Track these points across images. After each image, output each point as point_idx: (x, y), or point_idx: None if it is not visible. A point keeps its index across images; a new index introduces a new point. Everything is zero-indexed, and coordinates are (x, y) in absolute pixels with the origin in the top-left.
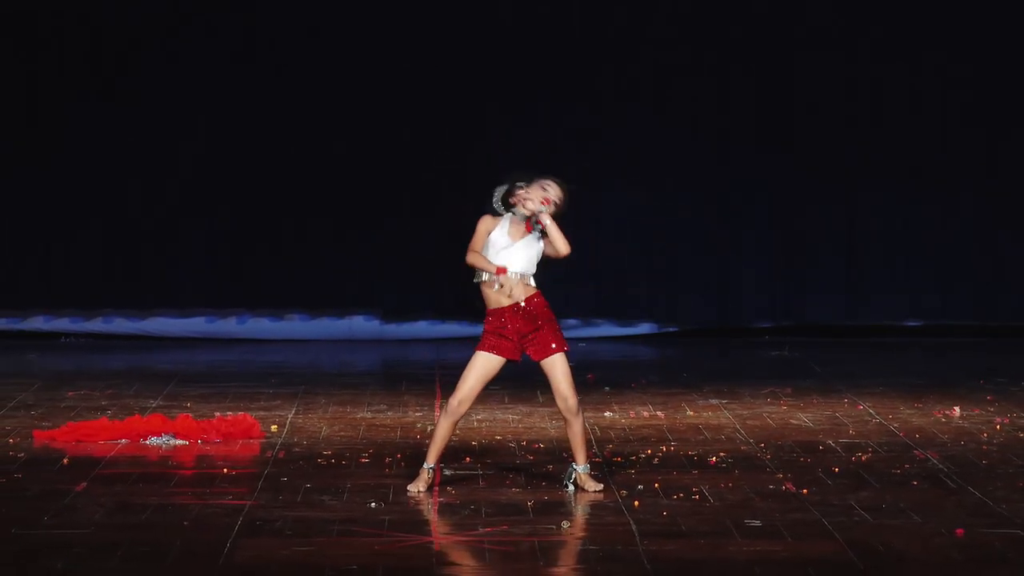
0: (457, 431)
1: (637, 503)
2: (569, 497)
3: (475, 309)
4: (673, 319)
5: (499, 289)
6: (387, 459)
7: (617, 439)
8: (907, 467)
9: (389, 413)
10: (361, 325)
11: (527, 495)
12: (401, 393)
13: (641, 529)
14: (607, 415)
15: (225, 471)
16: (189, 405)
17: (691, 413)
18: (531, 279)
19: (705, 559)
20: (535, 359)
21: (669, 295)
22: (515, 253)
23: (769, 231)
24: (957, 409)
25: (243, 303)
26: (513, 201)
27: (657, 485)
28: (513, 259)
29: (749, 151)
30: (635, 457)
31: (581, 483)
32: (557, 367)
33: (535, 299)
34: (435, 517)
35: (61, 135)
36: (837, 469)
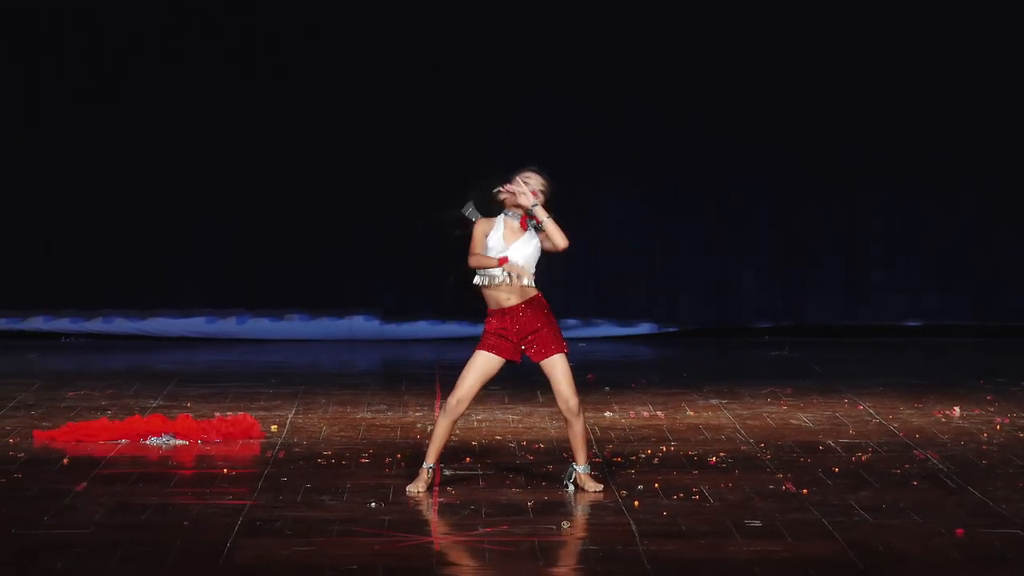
0: (457, 431)
1: (637, 503)
2: (569, 497)
3: (475, 309)
4: (673, 319)
5: (509, 283)
6: (387, 459)
7: (617, 439)
8: (907, 467)
9: (389, 413)
10: (361, 325)
11: (527, 495)
12: (401, 393)
13: (641, 529)
14: (607, 415)
15: (225, 471)
16: (189, 405)
17: (691, 413)
18: (531, 280)
19: (705, 559)
20: (535, 360)
21: (669, 295)
22: (512, 254)
23: (769, 231)
24: (957, 409)
25: (243, 303)
26: (501, 201)
27: (657, 485)
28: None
29: (749, 151)
30: (635, 457)
31: (581, 483)
32: (557, 368)
33: (536, 301)
34: (435, 517)
35: (61, 135)
36: (837, 469)
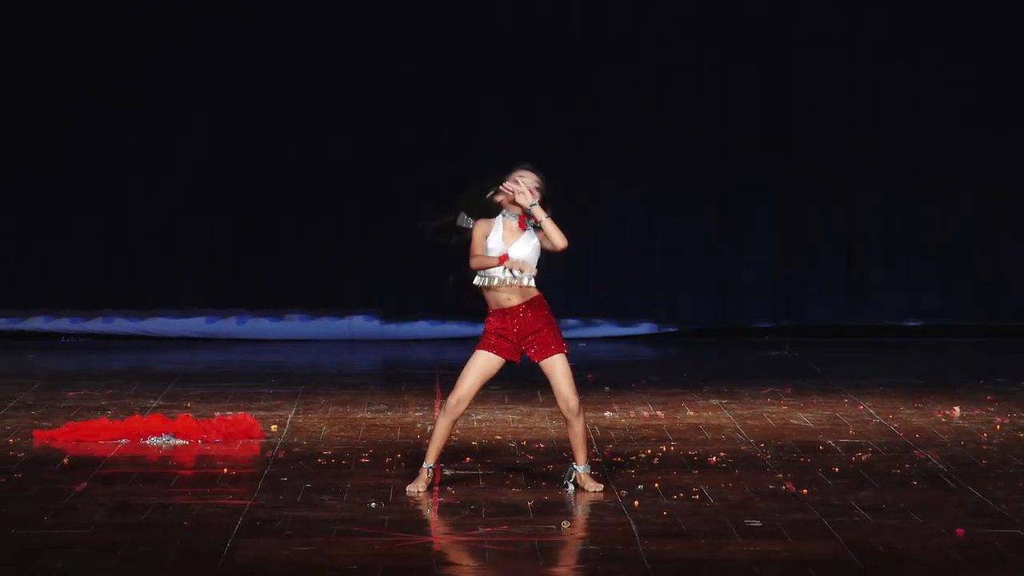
0: (457, 431)
1: (637, 503)
2: (569, 497)
3: (475, 309)
4: (673, 319)
5: (514, 279)
6: (387, 459)
7: (617, 439)
8: (907, 467)
9: (389, 413)
10: (361, 325)
11: (527, 495)
12: (401, 393)
13: (641, 529)
14: (607, 415)
15: (225, 471)
16: (189, 405)
17: (691, 413)
18: (533, 277)
19: (705, 559)
20: (535, 360)
21: (669, 295)
22: (512, 253)
23: (769, 231)
24: (957, 409)
25: (243, 303)
26: (498, 202)
27: (657, 485)
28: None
29: (749, 151)
30: (635, 457)
31: (581, 483)
32: (558, 368)
33: (536, 301)
34: (435, 517)
35: (61, 135)
36: (837, 469)
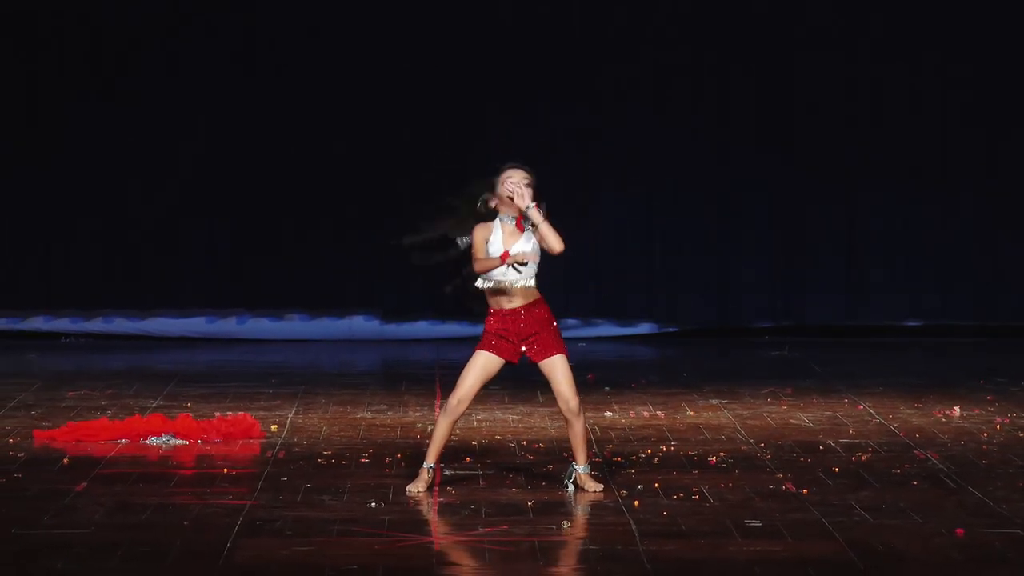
0: (457, 431)
1: (637, 503)
2: (569, 497)
3: (475, 310)
4: (673, 319)
5: (518, 274)
6: (387, 459)
7: (617, 439)
8: (907, 467)
9: (389, 413)
10: (361, 325)
11: (527, 495)
12: (401, 393)
13: (641, 529)
14: (607, 415)
15: (225, 471)
16: (189, 405)
17: (691, 413)
18: (533, 281)
19: (705, 559)
20: (535, 360)
21: (669, 295)
22: (512, 252)
23: (769, 231)
24: (957, 409)
25: (243, 303)
26: (493, 207)
27: (657, 485)
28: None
29: (749, 151)
30: (635, 457)
31: (581, 483)
32: (558, 369)
33: (537, 303)
34: (435, 517)
35: (61, 135)
36: (837, 469)
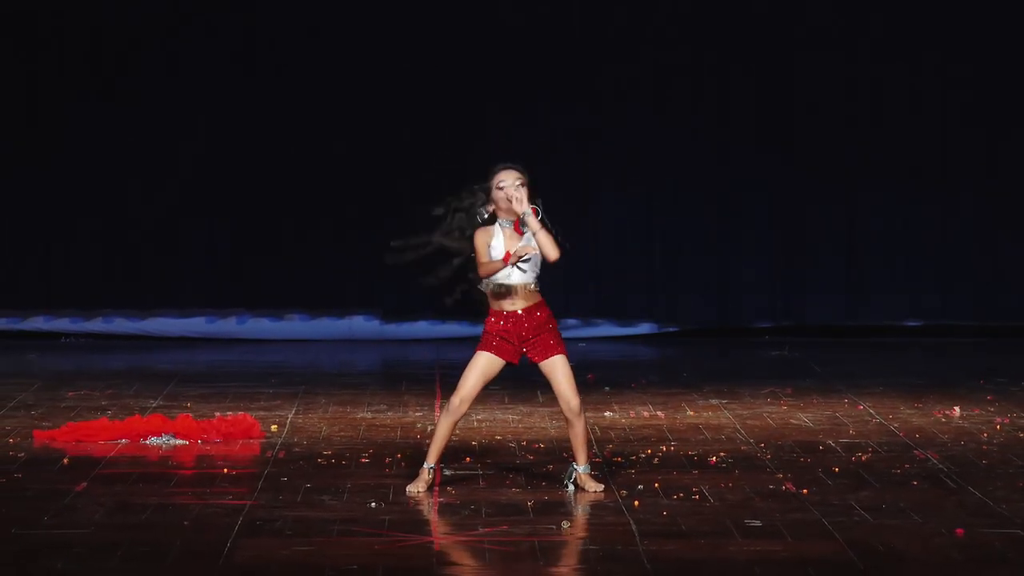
0: (457, 431)
1: (637, 503)
2: (569, 497)
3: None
4: (673, 319)
5: (522, 274)
6: (387, 459)
7: (617, 439)
8: (907, 467)
9: (389, 413)
10: (361, 325)
11: (527, 495)
12: (401, 393)
13: (641, 529)
14: (607, 415)
15: (225, 471)
16: (189, 405)
17: (691, 413)
18: (535, 283)
19: (705, 559)
20: (536, 361)
21: (669, 295)
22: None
23: (769, 231)
24: (957, 409)
25: (243, 303)
26: (493, 211)
27: (657, 485)
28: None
29: (749, 151)
30: (635, 457)
31: (582, 483)
32: (558, 369)
33: (539, 306)
34: (435, 517)
35: (61, 135)
36: (837, 469)
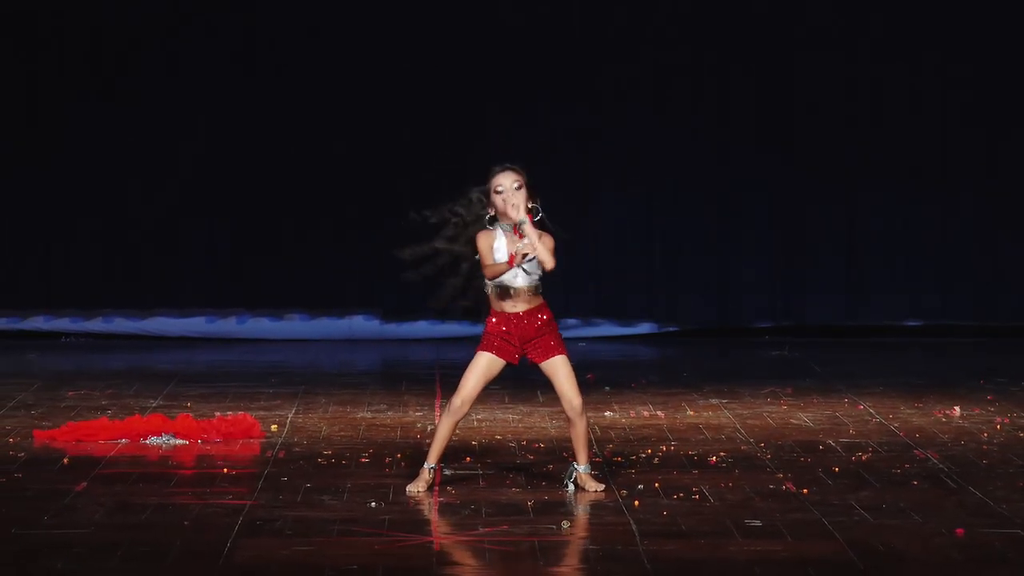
0: (457, 431)
1: (637, 503)
2: (569, 497)
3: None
4: (673, 319)
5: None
6: (387, 459)
7: (617, 439)
8: (907, 467)
9: (389, 413)
10: (361, 325)
11: (527, 495)
12: (401, 393)
13: (641, 529)
14: (607, 415)
15: (225, 471)
16: (189, 405)
17: (691, 413)
18: (538, 285)
19: (705, 559)
20: (537, 362)
21: (669, 295)
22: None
23: (769, 231)
24: (957, 409)
25: (243, 303)
26: (494, 214)
27: (657, 485)
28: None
29: (749, 151)
30: (635, 457)
31: (582, 483)
32: (560, 369)
33: (540, 308)
34: (435, 517)
35: (61, 135)
36: (837, 469)
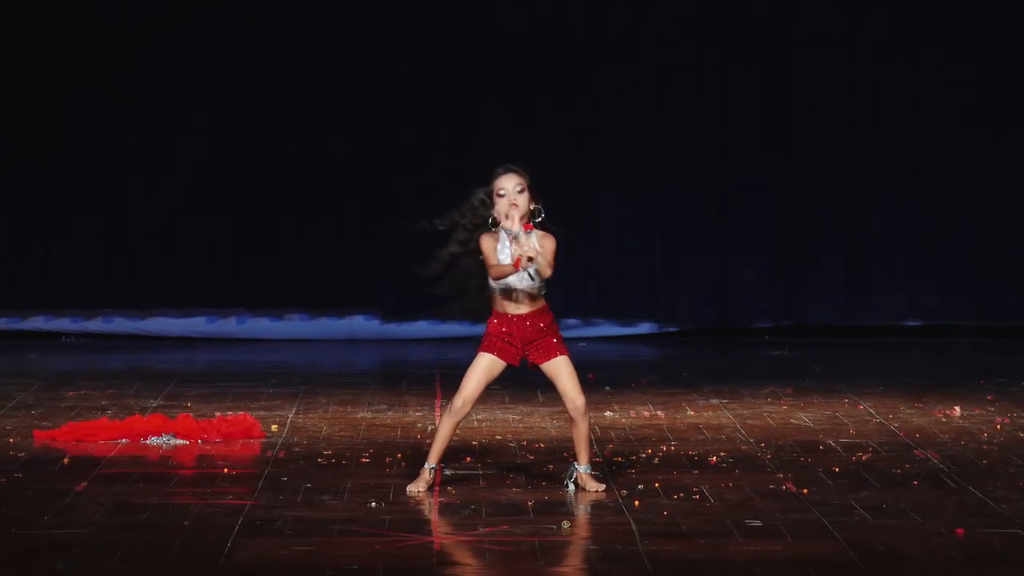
0: (457, 431)
1: (637, 503)
2: (569, 497)
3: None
4: (673, 319)
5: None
6: (387, 459)
7: (617, 439)
8: (907, 467)
9: (389, 413)
10: (361, 325)
11: (527, 495)
12: (401, 393)
13: (641, 529)
14: (607, 415)
15: (225, 471)
16: (189, 405)
17: (691, 413)
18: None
19: (705, 559)
20: (539, 363)
21: (669, 295)
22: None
23: (769, 231)
24: (957, 409)
25: (243, 303)
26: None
27: (657, 485)
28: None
29: (749, 151)
30: (635, 457)
31: (583, 483)
32: (562, 370)
33: (542, 310)
34: (435, 517)
35: (61, 135)
36: (837, 469)
